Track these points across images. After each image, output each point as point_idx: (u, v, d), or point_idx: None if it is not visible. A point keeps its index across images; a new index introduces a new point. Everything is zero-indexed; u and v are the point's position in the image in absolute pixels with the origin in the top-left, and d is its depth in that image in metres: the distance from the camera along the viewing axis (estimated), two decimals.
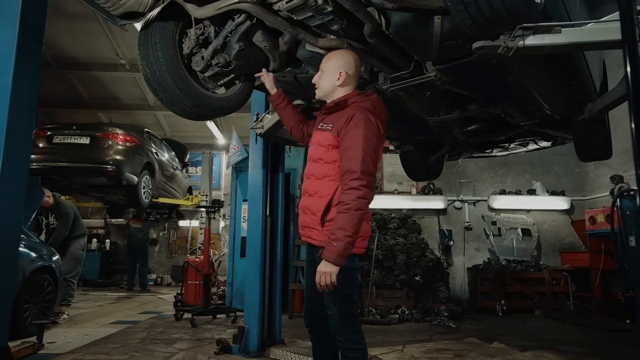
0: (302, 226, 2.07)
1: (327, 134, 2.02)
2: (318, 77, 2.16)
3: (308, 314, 2.14)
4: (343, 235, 1.80)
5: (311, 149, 2.11)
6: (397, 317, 5.86)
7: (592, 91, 3.14)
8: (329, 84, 2.11)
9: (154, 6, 2.24)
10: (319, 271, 1.82)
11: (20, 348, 3.41)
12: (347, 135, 1.93)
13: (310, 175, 2.04)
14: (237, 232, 6.56)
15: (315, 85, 2.18)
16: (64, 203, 5.83)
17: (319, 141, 2.05)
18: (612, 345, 4.62)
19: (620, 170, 6.43)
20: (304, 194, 2.07)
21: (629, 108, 1.39)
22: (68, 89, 10.04)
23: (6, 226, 2.54)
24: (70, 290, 5.50)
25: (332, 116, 2.06)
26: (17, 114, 2.53)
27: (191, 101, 2.38)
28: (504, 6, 1.66)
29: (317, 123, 2.13)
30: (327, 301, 1.97)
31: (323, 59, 2.19)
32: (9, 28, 2.51)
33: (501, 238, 7.62)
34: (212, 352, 3.80)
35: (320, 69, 2.16)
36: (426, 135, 3.92)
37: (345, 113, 2.00)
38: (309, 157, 2.11)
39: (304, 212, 2.04)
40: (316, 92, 2.18)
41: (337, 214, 1.86)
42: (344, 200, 1.85)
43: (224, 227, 11.53)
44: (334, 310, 1.96)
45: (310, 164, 2.06)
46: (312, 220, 1.99)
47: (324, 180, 1.99)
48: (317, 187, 2.00)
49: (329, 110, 2.09)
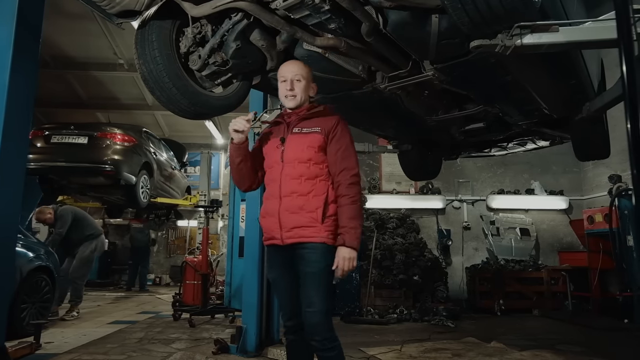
0: (291, 227, 2.01)
1: (317, 136, 2.06)
2: (299, 85, 2.11)
3: (292, 315, 2.08)
4: (358, 223, 1.99)
5: (294, 151, 2.06)
6: (395, 317, 5.85)
7: (590, 90, 3.14)
8: (306, 95, 2.15)
9: (151, 5, 2.23)
10: (344, 258, 1.93)
11: (17, 348, 3.40)
12: (339, 137, 2.08)
13: (299, 176, 2.03)
14: (235, 232, 6.52)
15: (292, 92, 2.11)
16: (60, 210, 5.83)
17: (308, 143, 2.06)
18: (610, 344, 4.63)
19: (619, 169, 6.43)
20: (290, 195, 2.02)
21: (624, 107, 1.39)
22: (66, 88, 10.02)
23: (3, 226, 2.53)
24: (78, 292, 5.60)
25: (313, 121, 2.10)
26: (14, 113, 2.52)
27: (188, 100, 2.38)
28: (501, 4, 1.66)
29: (291, 127, 2.11)
30: (314, 297, 1.96)
31: (295, 65, 2.16)
32: (6, 25, 2.50)
33: (500, 238, 7.63)
34: (210, 352, 3.79)
35: (295, 77, 2.10)
36: (424, 134, 3.92)
37: (329, 119, 2.11)
38: (290, 159, 2.05)
39: (295, 212, 2.00)
40: (292, 100, 2.12)
41: (345, 206, 1.99)
42: (349, 193, 2.00)
43: (222, 227, 11.53)
44: (320, 307, 1.95)
45: (295, 165, 2.04)
46: (308, 218, 2.00)
47: (316, 180, 2.04)
48: (309, 187, 2.03)
49: (309, 116, 2.12)
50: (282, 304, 2.19)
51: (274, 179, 2.09)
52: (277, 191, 2.05)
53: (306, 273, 1.99)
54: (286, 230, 2.02)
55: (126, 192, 7.00)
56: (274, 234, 2.06)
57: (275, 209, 2.04)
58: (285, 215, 2.02)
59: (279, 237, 2.04)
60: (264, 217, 2.12)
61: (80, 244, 5.72)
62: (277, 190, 2.05)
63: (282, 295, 2.14)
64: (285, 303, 2.13)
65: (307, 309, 1.96)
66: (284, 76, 2.13)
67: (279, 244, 2.05)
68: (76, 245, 5.72)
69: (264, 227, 2.14)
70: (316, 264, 1.98)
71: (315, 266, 1.98)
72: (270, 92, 3.51)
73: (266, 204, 2.13)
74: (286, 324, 2.14)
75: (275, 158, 2.10)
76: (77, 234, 5.71)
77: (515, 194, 8.06)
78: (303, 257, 1.99)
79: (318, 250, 1.98)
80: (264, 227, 2.13)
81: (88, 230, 5.85)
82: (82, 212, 6.10)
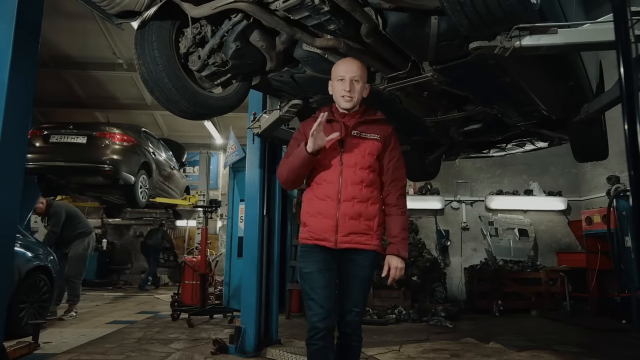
0: (348, 232, 2.00)
1: (377, 144, 2.09)
2: (357, 86, 2.06)
3: (327, 314, 1.97)
4: (407, 234, 2.13)
5: (356, 156, 2.05)
6: (394, 317, 5.86)
7: (588, 92, 3.15)
8: (361, 97, 2.12)
9: (151, 5, 2.24)
10: (396, 267, 2.06)
11: (15, 348, 3.40)
12: (394, 147, 2.15)
13: (359, 182, 2.03)
14: (234, 232, 6.55)
15: (350, 93, 2.05)
16: (53, 204, 5.85)
17: (369, 149, 2.07)
18: (608, 345, 4.64)
19: (617, 170, 6.45)
20: (350, 200, 2.01)
21: (622, 109, 1.40)
22: (65, 88, 10.01)
23: (2, 225, 2.52)
24: (75, 291, 5.61)
25: (371, 126, 2.12)
26: (14, 112, 2.52)
27: (188, 100, 2.38)
28: (500, 6, 1.66)
29: (349, 130, 2.07)
30: (361, 299, 2.09)
31: (354, 64, 2.09)
32: (5, 25, 2.50)
33: (498, 238, 7.63)
34: (209, 352, 3.79)
35: (354, 77, 2.05)
36: (423, 135, 3.92)
37: (386, 127, 2.16)
38: (350, 163, 2.04)
39: (354, 218, 2.01)
40: (349, 102, 2.07)
41: (396, 216, 2.10)
42: (400, 204, 2.11)
43: (221, 227, 11.53)
44: (363, 308, 2.10)
45: (357, 171, 2.04)
46: (366, 226, 2.04)
47: (372, 187, 2.08)
48: (368, 194, 2.05)
49: (370, 122, 2.13)
50: (316, 303, 1.98)
51: (330, 180, 2.05)
52: (334, 194, 2.03)
53: (356, 277, 2.06)
54: (343, 235, 2.01)
55: (125, 192, 6.99)
56: (327, 236, 2.02)
57: (332, 212, 2.02)
58: (344, 220, 2.01)
59: (332, 240, 2.01)
60: (315, 217, 2.06)
61: (71, 242, 5.70)
62: (335, 193, 2.03)
63: (320, 291, 1.99)
64: (320, 302, 1.97)
65: (354, 309, 2.05)
66: (342, 75, 2.07)
67: (330, 246, 2.02)
68: (67, 242, 5.69)
69: (312, 225, 2.06)
70: (367, 270, 2.07)
71: (367, 271, 2.07)
72: (269, 93, 3.50)
73: (319, 204, 2.06)
74: (317, 326, 1.95)
75: (333, 159, 2.07)
76: (69, 231, 5.70)
77: (513, 195, 8.06)
78: (355, 262, 2.05)
79: (370, 257, 2.07)
80: (313, 226, 2.06)
81: (80, 227, 5.84)
82: (75, 209, 6.10)
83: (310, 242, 2.06)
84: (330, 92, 2.17)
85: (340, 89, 2.08)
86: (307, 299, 2.03)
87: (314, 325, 1.96)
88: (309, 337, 1.98)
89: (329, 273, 2.03)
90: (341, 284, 2.07)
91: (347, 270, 2.05)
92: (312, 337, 1.96)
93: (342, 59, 2.20)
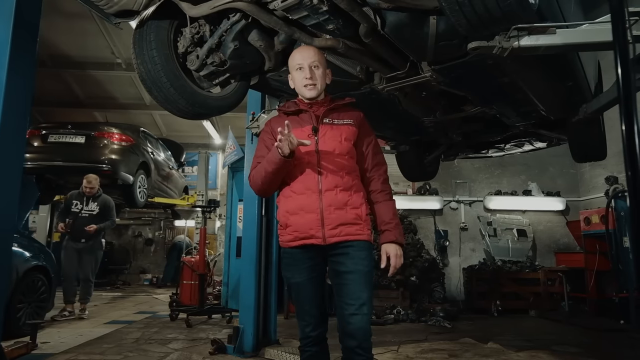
0: (337, 224, 1.81)
1: (352, 129, 1.95)
2: (317, 72, 1.93)
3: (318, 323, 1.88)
4: (399, 220, 1.96)
5: (333, 142, 1.90)
6: (392, 318, 5.86)
7: (587, 92, 3.16)
8: (325, 83, 1.98)
9: (149, 5, 2.23)
10: (396, 255, 1.88)
11: (13, 348, 3.39)
12: (368, 132, 2.03)
13: (340, 169, 1.87)
14: (233, 232, 6.54)
15: (312, 80, 1.92)
16: (107, 196, 5.94)
17: (345, 135, 1.92)
18: (606, 345, 4.65)
19: (615, 171, 6.46)
20: (333, 189, 1.83)
21: (619, 109, 1.40)
22: (64, 88, 9.98)
23: (0, 225, 2.52)
24: (89, 289, 5.70)
25: (342, 113, 1.98)
26: (12, 111, 2.51)
27: (186, 100, 2.38)
28: (499, 6, 1.67)
29: (320, 119, 1.93)
30: (366, 298, 1.78)
31: (311, 50, 2.00)
32: (4, 24, 2.49)
33: (497, 239, 7.64)
34: (207, 352, 3.79)
35: (312, 63, 1.93)
36: (422, 135, 3.93)
37: (356, 112, 2.04)
38: (327, 150, 1.88)
39: (340, 208, 1.82)
40: (313, 90, 1.93)
41: (384, 202, 1.96)
42: (386, 189, 1.98)
43: (220, 227, 11.51)
44: (370, 309, 1.79)
45: (335, 157, 1.88)
46: (354, 214, 1.84)
47: (353, 175, 1.91)
48: (350, 182, 1.88)
49: (339, 108, 1.99)
50: (307, 313, 1.88)
51: (307, 171, 1.87)
52: (314, 185, 1.84)
53: (355, 271, 1.80)
54: (331, 228, 1.81)
55: (123, 192, 7.00)
56: (313, 232, 1.82)
57: (314, 205, 1.82)
58: (330, 212, 1.81)
59: (320, 236, 1.81)
60: (296, 214, 1.85)
61: (90, 238, 5.63)
62: (315, 184, 1.84)
63: (309, 302, 1.88)
64: (311, 311, 1.88)
65: (358, 312, 1.75)
66: (300, 63, 1.94)
67: (318, 243, 1.82)
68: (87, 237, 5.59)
69: (295, 225, 1.85)
70: (366, 261, 1.82)
71: (366, 264, 1.82)
72: (268, 93, 3.50)
73: (299, 199, 1.86)
74: (310, 335, 1.88)
75: (308, 149, 1.87)
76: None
77: (512, 195, 8.07)
78: (350, 255, 1.82)
79: (366, 248, 1.85)
80: (296, 226, 1.85)
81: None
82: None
83: (295, 243, 1.86)
84: (292, 85, 2.03)
85: (300, 77, 1.94)
86: (297, 307, 1.93)
87: (307, 334, 1.88)
88: (302, 344, 1.91)
89: (319, 279, 1.88)
90: (338, 285, 1.83)
91: (343, 267, 1.82)
92: (305, 345, 1.90)
93: (296, 48, 2.09)
